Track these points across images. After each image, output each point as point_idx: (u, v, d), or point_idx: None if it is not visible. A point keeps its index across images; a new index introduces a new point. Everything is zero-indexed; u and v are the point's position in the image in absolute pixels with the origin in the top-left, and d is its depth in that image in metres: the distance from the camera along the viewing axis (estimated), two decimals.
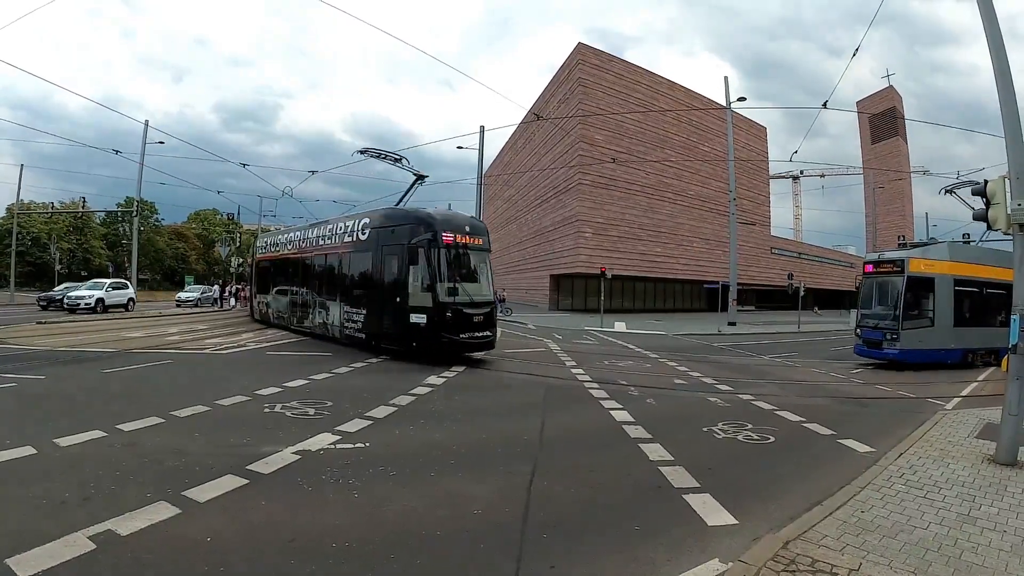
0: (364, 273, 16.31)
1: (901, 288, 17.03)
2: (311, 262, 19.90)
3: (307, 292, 19.94)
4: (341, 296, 17.26)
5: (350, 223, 17.44)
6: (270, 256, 24.41)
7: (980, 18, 7.57)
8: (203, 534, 4.48)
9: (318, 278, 19.26)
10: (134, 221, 45.05)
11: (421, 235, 14.33)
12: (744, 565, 4.11)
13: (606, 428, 8.52)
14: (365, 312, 15.92)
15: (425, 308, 13.97)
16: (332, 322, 17.66)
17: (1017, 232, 7.08)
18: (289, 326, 21.20)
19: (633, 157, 36.63)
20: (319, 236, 19.52)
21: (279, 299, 22.54)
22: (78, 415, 7.84)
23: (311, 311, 19.37)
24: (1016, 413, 6.82)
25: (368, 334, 15.71)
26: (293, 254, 21.62)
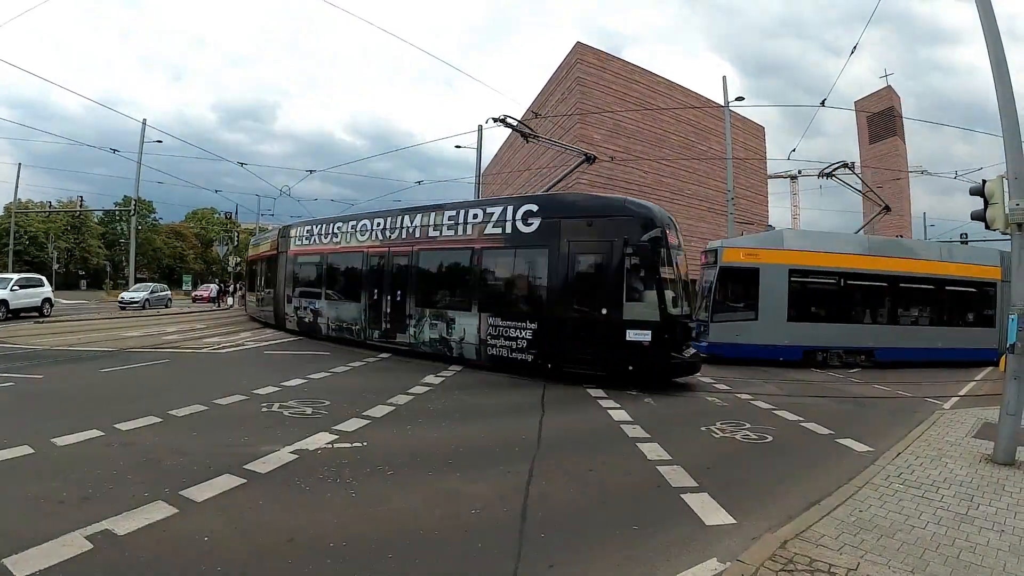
0: (530, 276, 12.95)
1: (713, 279, 16.60)
2: (411, 259, 15.35)
3: (402, 298, 15.37)
4: (482, 305, 13.40)
5: (495, 210, 13.55)
6: (313, 250, 19.38)
7: (979, 18, 7.57)
8: (200, 533, 4.47)
9: (429, 281, 15.11)
10: (132, 220, 44.95)
11: (643, 231, 11.55)
12: (742, 565, 4.11)
13: (604, 427, 8.52)
14: (536, 327, 12.35)
15: (649, 323, 11.28)
16: (461, 338, 13.75)
17: (1015, 232, 7.09)
18: (358, 339, 16.72)
19: (631, 156, 36.65)
20: (426, 226, 15.11)
21: (338, 305, 17.85)
22: (76, 414, 7.82)
23: (412, 322, 15.01)
24: (1014, 413, 6.83)
25: (542, 355, 12.24)
26: (371, 247, 16.61)
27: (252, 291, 28.05)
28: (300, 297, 19.94)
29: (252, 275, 28.42)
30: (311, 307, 19.17)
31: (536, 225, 12.57)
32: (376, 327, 16.26)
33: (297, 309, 19.92)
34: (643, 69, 40.41)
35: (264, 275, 24.47)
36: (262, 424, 7.92)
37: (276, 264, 21.79)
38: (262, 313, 24.36)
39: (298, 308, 19.88)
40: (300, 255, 20.27)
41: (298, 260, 20.37)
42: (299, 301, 19.91)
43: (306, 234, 20.06)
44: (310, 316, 19.15)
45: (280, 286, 21.33)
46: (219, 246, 56.80)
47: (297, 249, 20.42)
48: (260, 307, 24.97)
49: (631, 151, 37.40)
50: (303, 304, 19.67)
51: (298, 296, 20.07)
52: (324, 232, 19.15)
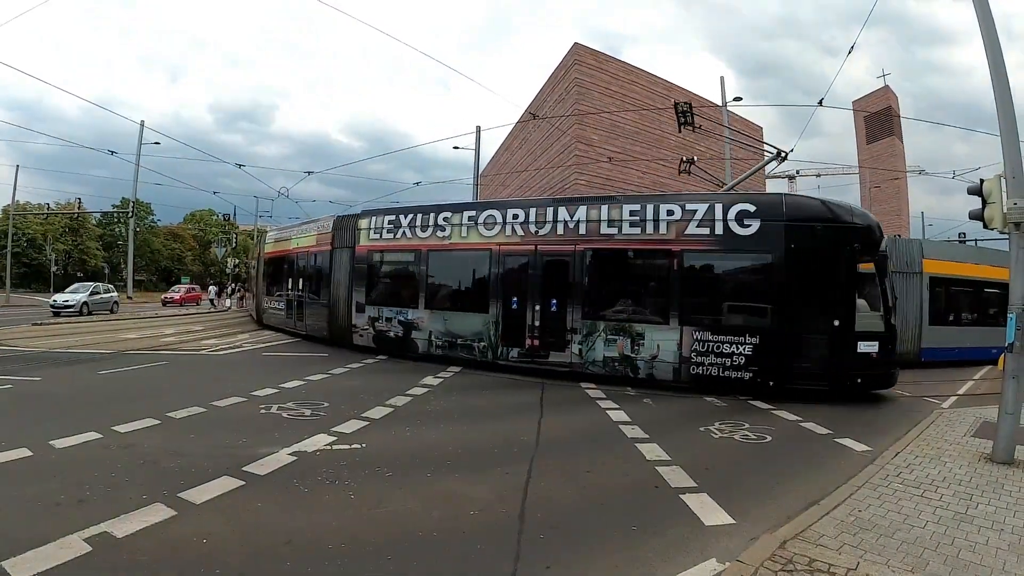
0: (749, 284, 11.67)
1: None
2: (574, 261, 12.69)
3: (559, 308, 12.81)
4: (684, 317, 11.61)
5: (697, 207, 11.69)
6: (402, 246, 15.49)
7: (976, 18, 7.58)
8: (199, 536, 4.46)
9: (604, 287, 12.89)
10: (130, 222, 44.85)
11: (872, 239, 11.05)
12: (741, 565, 4.11)
13: (603, 428, 8.52)
14: (757, 342, 11.08)
15: (877, 333, 10.80)
16: (653, 356, 11.82)
17: (1013, 231, 7.09)
18: (482, 358, 13.70)
19: (629, 157, 36.66)
20: (597, 221, 12.57)
21: (449, 317, 14.40)
22: (74, 416, 7.81)
23: (577, 338, 12.57)
24: (1012, 412, 6.83)
25: (763, 371, 11.05)
26: (506, 245, 13.53)
27: (272, 295, 22.91)
28: (380, 305, 15.68)
29: (274, 275, 23.07)
30: (401, 318, 15.13)
31: (755, 228, 11.16)
32: (514, 344, 13.32)
33: (375, 321, 15.69)
34: (641, 70, 40.43)
35: (304, 276, 19.86)
36: (260, 426, 7.91)
37: (333, 263, 17.37)
38: (296, 324, 19.94)
39: (376, 320, 15.66)
40: (380, 251, 16.05)
41: (375, 258, 16.12)
42: (378, 311, 15.66)
43: (388, 225, 15.73)
44: (398, 330, 15.14)
45: (340, 290, 16.96)
46: (217, 248, 56.72)
47: (374, 244, 16.03)
48: (294, 316, 20.18)
49: (629, 152, 37.41)
50: (386, 315, 15.48)
51: (376, 304, 15.78)
52: (421, 223, 15.01)
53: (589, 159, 35.46)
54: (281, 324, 21.47)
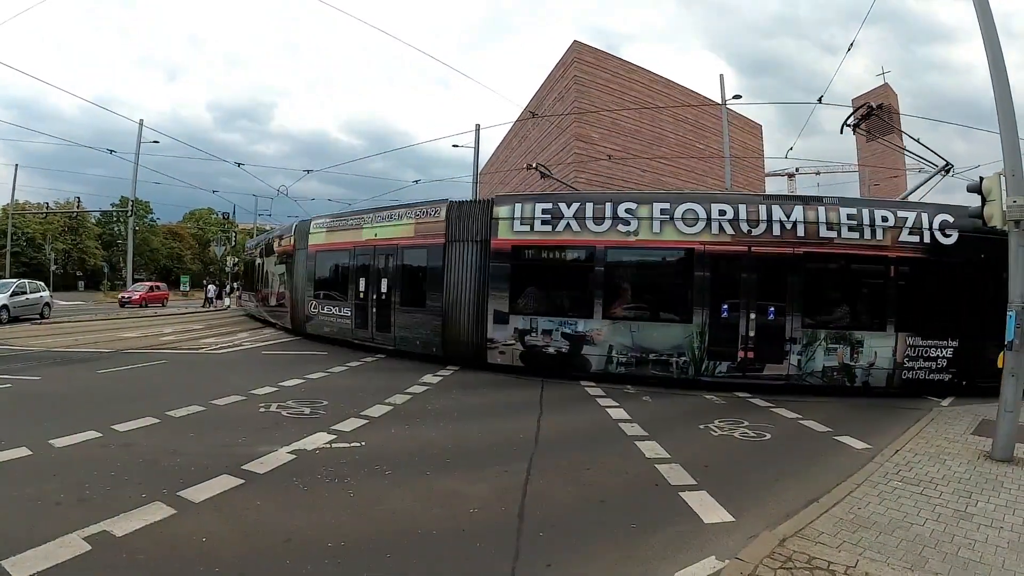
0: (949, 292, 11.46)
1: None
2: (791, 263, 11.63)
3: (777, 316, 11.66)
4: (900, 323, 11.35)
5: (907, 215, 11.47)
6: (566, 241, 12.70)
7: (976, 16, 7.57)
8: (198, 534, 4.46)
9: (823, 293, 12.06)
10: (129, 221, 44.77)
11: None
12: (741, 563, 4.11)
13: (603, 426, 8.52)
14: (956, 345, 11.28)
15: None
16: (871, 363, 11.40)
17: (1013, 228, 7.09)
18: (681, 375, 11.92)
19: (629, 155, 36.65)
20: (817, 223, 11.63)
21: (639, 328, 12.23)
22: (73, 416, 7.81)
23: (796, 348, 11.61)
24: (1012, 410, 6.84)
25: (960, 373, 11.29)
26: (711, 244, 11.85)
27: (328, 299, 18.05)
28: (533, 315, 12.84)
29: (331, 274, 18.35)
30: (568, 330, 12.54)
31: (954, 239, 11.30)
32: (723, 357, 11.86)
33: (525, 334, 12.81)
34: (641, 68, 40.40)
35: (392, 276, 15.63)
36: (260, 424, 7.91)
37: (449, 260, 14.05)
38: (376, 336, 15.97)
39: (528, 332, 12.80)
40: (531, 247, 13.12)
41: (525, 255, 13.11)
42: (530, 321, 12.81)
43: (542, 215, 12.84)
44: (562, 345, 12.55)
45: (463, 295, 13.74)
46: (216, 246, 56.58)
47: (521, 238, 13.01)
48: (371, 326, 16.08)
49: (629, 150, 37.39)
50: (543, 326, 12.72)
51: (527, 313, 12.90)
52: (594, 214, 12.49)
53: (589, 157, 35.44)
54: (344, 335, 16.90)
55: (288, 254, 20.68)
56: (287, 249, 20.86)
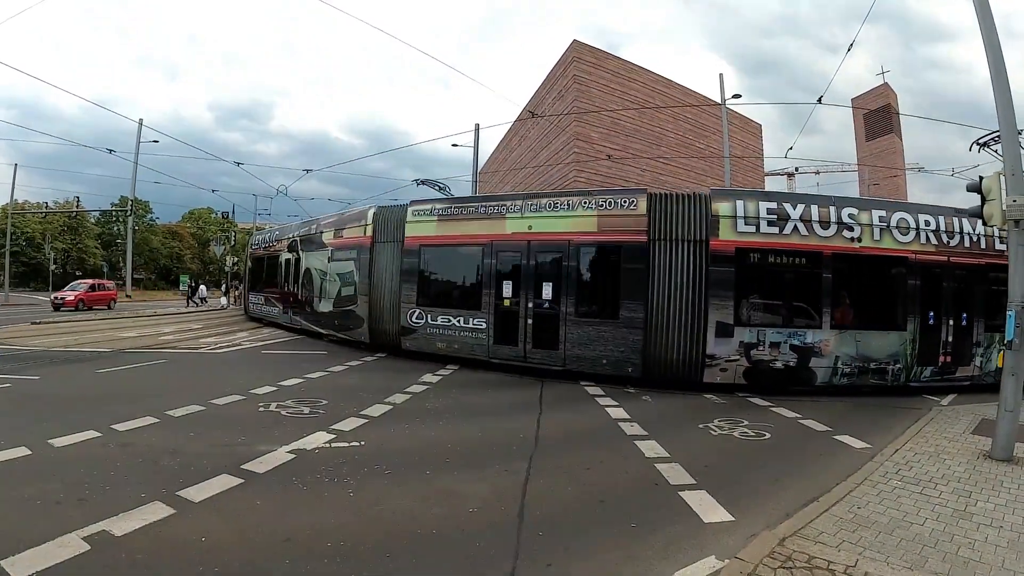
0: None
1: None
2: (982, 276, 11.89)
3: (968, 322, 12.00)
4: None
5: None
6: (790, 245, 11.63)
7: (976, 15, 7.57)
8: (198, 534, 4.46)
9: (999, 299, 10.13)
10: (128, 220, 44.93)
11: None
12: (740, 562, 4.11)
13: (602, 426, 8.53)
14: None
15: None
16: None
17: (1012, 228, 7.09)
18: (895, 382, 11.64)
19: (628, 154, 36.65)
20: (994, 237, 11.79)
21: (859, 338, 11.57)
22: (72, 415, 7.80)
23: (981, 351, 12.02)
24: (1012, 409, 6.84)
25: None
26: (920, 255, 11.71)
27: (443, 304, 14.55)
28: (760, 327, 11.70)
29: (445, 274, 15.23)
30: (797, 342, 11.58)
31: None
32: (928, 362, 11.79)
33: (750, 348, 11.52)
34: (640, 67, 40.41)
35: (561, 280, 12.84)
36: (259, 424, 7.91)
37: (657, 263, 11.95)
38: (530, 353, 13.02)
39: (754, 346, 11.53)
40: (758, 251, 11.70)
41: (750, 260, 11.69)
42: (757, 334, 11.62)
43: (768, 215, 11.65)
44: (790, 358, 11.51)
45: (674, 305, 11.83)
46: (216, 246, 56.60)
47: (746, 239, 11.60)
48: (526, 339, 13.08)
49: (629, 149, 37.40)
50: (771, 339, 11.58)
51: (753, 325, 11.71)
52: (820, 218, 11.59)
53: (588, 156, 35.45)
54: (472, 351, 13.68)
55: (358, 248, 16.51)
56: (357, 241, 16.69)
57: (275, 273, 23.50)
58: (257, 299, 25.89)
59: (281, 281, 22.62)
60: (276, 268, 23.31)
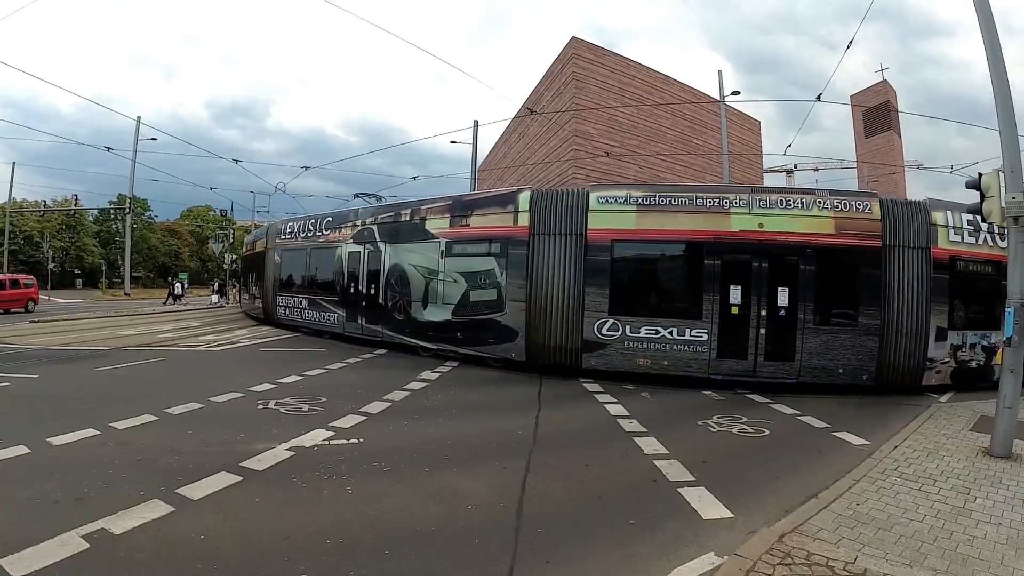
0: None
1: None
2: None
3: None
4: None
5: None
6: (983, 254, 11.83)
7: (975, 12, 7.56)
8: (196, 532, 4.45)
9: None
10: (127, 218, 44.92)
11: None
12: (740, 559, 4.11)
13: (601, 423, 8.53)
14: None
15: None
16: None
17: (1011, 225, 7.09)
18: None
19: (627, 151, 36.63)
20: None
21: None
22: (71, 414, 7.79)
23: None
24: (1011, 406, 6.84)
25: None
26: None
27: (626, 314, 12.14)
28: (963, 330, 11.79)
29: (606, 278, 12.38)
30: (987, 343, 11.67)
31: None
32: None
33: (958, 350, 11.67)
34: (639, 64, 40.36)
35: (737, 283, 11.73)
36: (258, 421, 7.90)
37: (886, 267, 11.55)
38: (761, 365, 11.60)
39: (960, 348, 11.70)
40: (965, 260, 11.87)
41: (959, 267, 11.79)
42: (962, 336, 11.73)
43: (969, 227, 11.79)
44: (980, 357, 11.72)
45: (903, 309, 11.51)
46: (214, 243, 56.48)
47: (958, 248, 11.79)
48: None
49: (627, 146, 37.38)
50: (970, 341, 11.76)
51: (959, 328, 11.72)
52: (998, 230, 10.98)
53: (587, 153, 35.43)
54: (686, 367, 11.70)
55: (504, 240, 13.28)
56: (501, 232, 13.42)
57: (327, 270, 18.77)
58: (291, 302, 20.51)
59: (342, 280, 17.89)
60: (329, 264, 18.61)
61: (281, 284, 21.43)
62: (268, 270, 22.40)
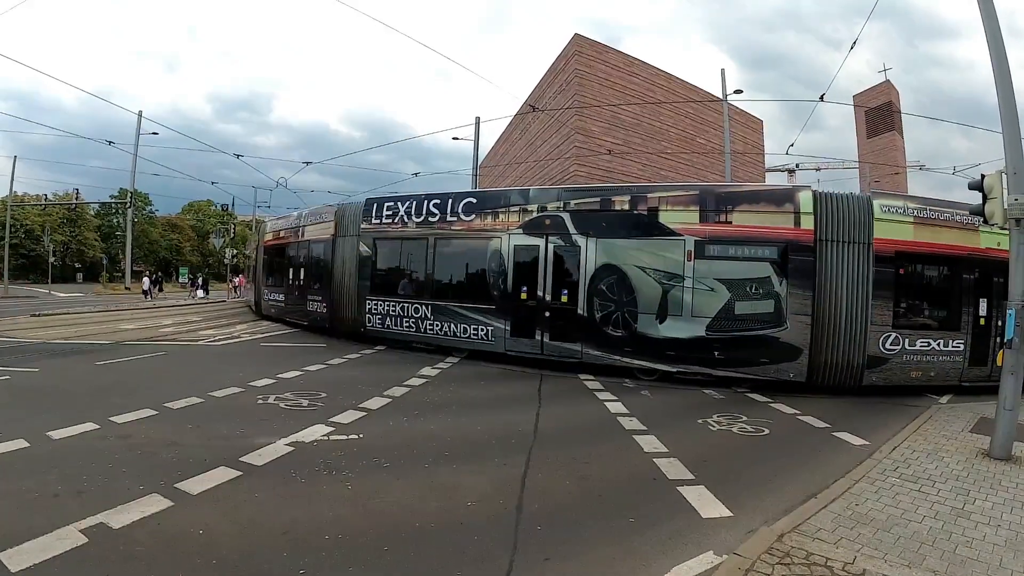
0: None
1: None
2: None
3: None
4: None
5: None
6: None
7: (979, 13, 7.53)
8: (195, 526, 4.46)
9: None
10: (128, 212, 44.83)
11: None
12: (739, 558, 4.11)
13: (601, 420, 8.52)
14: None
15: None
16: None
17: (1014, 227, 7.08)
18: None
19: (629, 149, 36.60)
20: None
21: None
22: (71, 408, 7.79)
23: None
24: (1011, 408, 6.83)
25: None
26: None
27: (903, 324, 11.64)
28: None
29: (888, 291, 11.67)
30: None
31: None
32: None
33: None
34: (641, 61, 40.30)
35: None
36: (258, 416, 7.90)
37: None
38: None
39: None
40: None
41: None
42: None
43: None
44: None
45: None
46: (215, 238, 56.48)
47: None
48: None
49: (629, 144, 37.34)
50: None
51: None
52: None
53: (589, 151, 35.39)
54: (948, 375, 11.45)
55: (782, 245, 11.66)
56: (775, 234, 11.81)
57: (472, 268, 14.91)
58: (395, 309, 15.52)
59: (502, 283, 13.94)
60: (476, 260, 14.67)
61: (374, 285, 16.23)
62: (343, 265, 17.15)
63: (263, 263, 24.12)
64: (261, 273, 24.42)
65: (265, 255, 23.88)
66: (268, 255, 23.51)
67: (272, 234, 23.58)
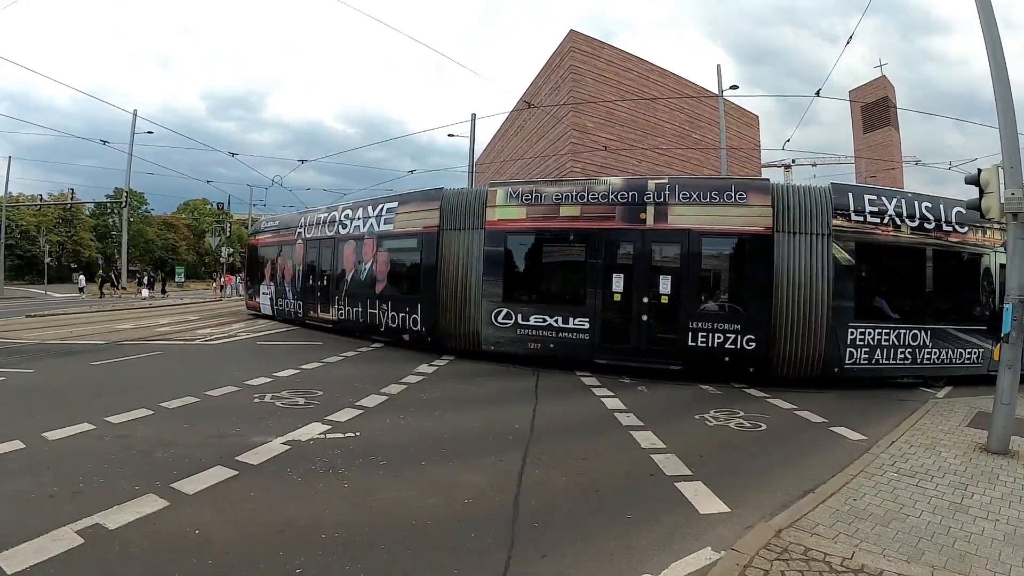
0: None
1: None
2: None
3: None
4: None
5: None
6: None
7: (975, 6, 7.52)
8: (191, 526, 4.44)
9: None
10: (123, 212, 44.68)
11: None
12: (736, 554, 4.11)
13: (598, 416, 8.52)
14: None
15: None
16: None
17: (1011, 221, 7.07)
18: None
19: (625, 145, 36.58)
20: None
21: None
22: (67, 408, 7.76)
23: None
24: (1008, 402, 6.84)
25: None
26: None
27: None
28: None
29: None
30: None
31: None
32: None
33: None
34: (637, 57, 40.26)
35: None
36: (254, 415, 7.87)
37: None
38: None
39: None
40: None
41: None
42: None
43: None
44: None
45: None
46: (211, 237, 56.42)
47: None
48: None
49: (625, 140, 37.32)
50: None
51: None
52: None
53: (585, 147, 35.36)
54: None
55: None
56: None
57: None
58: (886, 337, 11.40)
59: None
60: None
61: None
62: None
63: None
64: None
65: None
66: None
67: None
